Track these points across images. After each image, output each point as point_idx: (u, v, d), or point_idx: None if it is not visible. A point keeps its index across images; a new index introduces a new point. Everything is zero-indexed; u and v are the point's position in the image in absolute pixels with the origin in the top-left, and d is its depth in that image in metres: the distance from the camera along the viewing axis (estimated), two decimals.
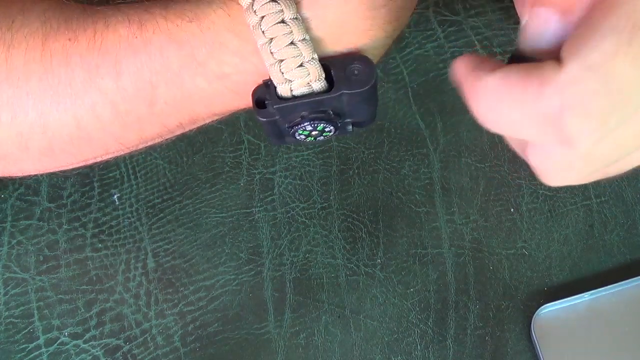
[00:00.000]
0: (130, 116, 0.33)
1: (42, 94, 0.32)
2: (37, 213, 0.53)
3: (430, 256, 0.52)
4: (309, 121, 0.32)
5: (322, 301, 0.51)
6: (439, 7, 0.59)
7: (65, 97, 0.32)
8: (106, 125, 0.33)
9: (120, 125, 0.33)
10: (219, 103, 0.33)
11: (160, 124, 0.34)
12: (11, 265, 0.52)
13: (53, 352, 0.50)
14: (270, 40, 0.29)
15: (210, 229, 0.53)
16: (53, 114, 0.32)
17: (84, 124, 0.33)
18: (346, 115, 0.33)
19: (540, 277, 0.51)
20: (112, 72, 0.32)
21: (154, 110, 0.33)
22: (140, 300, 0.51)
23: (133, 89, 0.32)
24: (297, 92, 0.31)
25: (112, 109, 0.32)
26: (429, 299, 0.51)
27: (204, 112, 0.34)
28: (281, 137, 0.34)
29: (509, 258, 0.51)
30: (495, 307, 0.50)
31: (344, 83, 0.30)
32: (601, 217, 0.52)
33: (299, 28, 0.29)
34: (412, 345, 0.50)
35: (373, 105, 0.33)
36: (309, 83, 0.30)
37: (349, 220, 0.53)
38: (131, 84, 0.32)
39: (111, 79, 0.32)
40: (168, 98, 0.32)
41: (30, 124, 0.33)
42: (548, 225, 0.52)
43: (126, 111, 0.33)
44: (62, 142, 0.34)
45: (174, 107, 0.33)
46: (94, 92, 0.32)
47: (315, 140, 0.34)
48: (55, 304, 0.51)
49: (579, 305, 0.49)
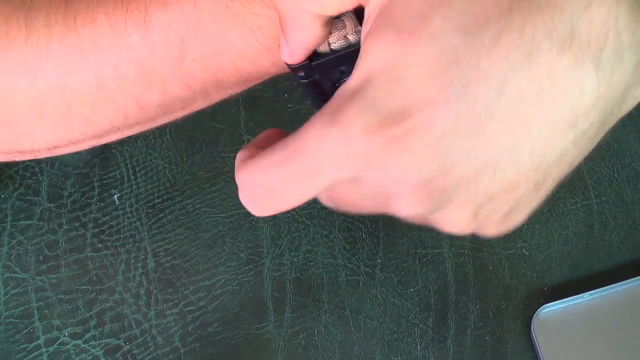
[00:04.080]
0: (156, 74, 0.32)
1: (64, 54, 0.32)
2: (37, 213, 0.53)
3: (430, 256, 0.52)
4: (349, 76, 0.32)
5: (322, 301, 0.51)
6: None
7: (89, 56, 0.31)
8: (128, 86, 0.32)
9: (144, 85, 0.33)
10: (249, 61, 0.32)
11: (184, 85, 0.33)
12: (11, 265, 0.52)
13: (53, 352, 0.50)
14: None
15: (210, 229, 0.53)
16: (74, 75, 0.32)
17: (105, 83, 0.32)
18: None
19: (540, 277, 0.51)
20: (141, 27, 0.31)
21: (180, 67, 0.32)
22: (140, 300, 0.51)
23: (162, 44, 0.31)
24: (334, 46, 0.30)
25: (137, 67, 0.32)
26: (429, 299, 0.51)
27: (231, 72, 0.33)
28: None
29: (509, 258, 0.51)
30: (495, 307, 0.50)
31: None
32: (601, 217, 0.52)
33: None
34: (412, 345, 0.50)
35: None
36: (345, 36, 0.30)
37: (349, 220, 0.53)
38: (160, 38, 0.31)
39: (139, 35, 0.31)
40: (196, 54, 0.32)
41: (50, 85, 0.32)
42: (548, 225, 0.52)
43: (152, 68, 0.32)
44: (81, 105, 0.33)
45: (201, 64, 0.32)
46: (119, 50, 0.31)
47: None
48: (55, 304, 0.51)
49: (579, 305, 0.49)
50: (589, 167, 0.54)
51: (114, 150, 0.55)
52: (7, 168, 0.55)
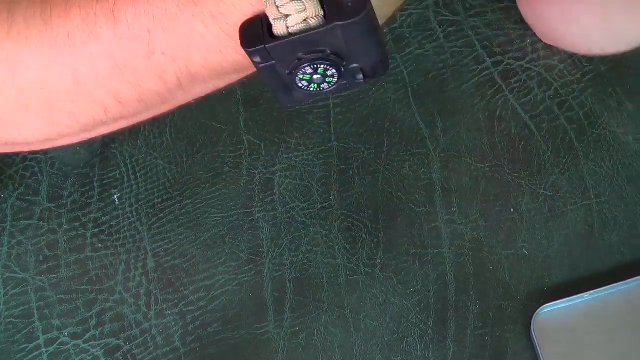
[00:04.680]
0: (128, 68, 0.32)
1: (41, 47, 0.32)
2: (37, 213, 0.53)
3: (430, 256, 0.52)
4: (308, 63, 0.30)
5: (322, 301, 0.51)
6: (439, 7, 0.59)
7: (64, 49, 0.32)
8: (103, 79, 0.33)
9: (118, 79, 0.33)
10: (216, 51, 0.32)
11: (158, 79, 0.33)
12: (11, 265, 0.52)
13: (53, 352, 0.50)
14: None
15: (210, 229, 0.53)
16: (52, 69, 0.32)
17: (81, 77, 0.32)
18: (349, 58, 0.31)
19: (540, 277, 0.51)
20: (110, 20, 0.31)
21: (151, 60, 0.32)
22: (140, 300, 0.51)
23: (130, 37, 0.31)
24: (293, 29, 0.29)
25: (109, 60, 0.32)
26: (429, 299, 0.51)
27: (202, 65, 0.33)
28: (288, 92, 0.32)
29: (509, 258, 0.51)
30: (495, 307, 0.50)
31: (336, 14, 0.28)
32: (601, 217, 0.52)
33: None
34: (412, 345, 0.50)
35: (374, 44, 0.31)
36: (305, 20, 0.29)
37: (349, 220, 0.53)
38: (128, 31, 0.31)
39: (109, 28, 0.31)
40: (165, 47, 0.32)
41: (30, 79, 0.33)
42: (548, 225, 0.52)
43: (124, 62, 0.32)
44: (60, 99, 0.33)
45: (171, 57, 0.32)
46: (92, 43, 0.32)
47: (321, 90, 0.32)
48: (55, 304, 0.51)
49: (579, 305, 0.49)
50: (589, 167, 0.54)
51: (114, 150, 0.55)
52: (7, 168, 0.55)
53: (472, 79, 0.57)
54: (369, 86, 0.56)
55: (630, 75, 0.56)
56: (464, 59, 0.57)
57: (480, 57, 0.57)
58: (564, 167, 0.54)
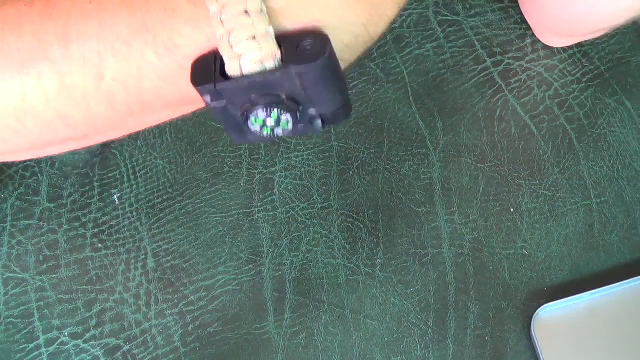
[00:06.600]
0: (76, 91, 0.31)
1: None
2: (37, 213, 0.53)
3: (430, 256, 0.52)
4: (261, 107, 0.28)
5: (322, 301, 0.51)
6: (439, 7, 0.59)
7: (13, 64, 0.31)
8: (51, 99, 0.32)
9: (66, 101, 0.32)
10: (168, 82, 0.30)
11: (108, 104, 0.32)
12: (11, 265, 0.52)
13: (53, 352, 0.50)
14: (223, 8, 0.27)
15: (210, 229, 0.53)
16: (0, 84, 0.31)
17: (29, 96, 0.31)
18: (306, 103, 0.29)
19: (540, 277, 0.51)
20: (61, 39, 0.30)
21: (100, 86, 0.31)
22: (140, 300, 0.51)
23: (80, 59, 0.30)
24: (246, 70, 0.28)
25: (58, 81, 0.31)
26: (429, 299, 0.51)
27: (154, 94, 0.31)
28: (240, 130, 0.31)
29: (509, 258, 0.51)
30: (495, 307, 0.50)
31: (293, 57, 0.27)
32: (601, 217, 0.52)
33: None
34: (412, 345, 0.50)
35: (334, 91, 0.29)
36: (261, 61, 0.27)
37: (349, 220, 0.53)
38: (78, 52, 0.30)
39: (59, 47, 0.30)
40: (116, 73, 0.30)
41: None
42: (548, 225, 0.52)
43: (72, 84, 0.31)
44: (8, 116, 0.32)
45: (122, 84, 0.31)
46: (41, 61, 0.31)
47: (274, 135, 0.30)
48: (55, 304, 0.51)
49: (579, 305, 0.49)
50: (589, 167, 0.54)
51: (114, 150, 0.55)
52: (7, 168, 0.55)
53: (472, 79, 0.57)
54: (369, 86, 0.56)
55: (630, 75, 0.56)
56: (464, 59, 0.57)
57: (480, 57, 0.57)
58: (564, 167, 0.54)
